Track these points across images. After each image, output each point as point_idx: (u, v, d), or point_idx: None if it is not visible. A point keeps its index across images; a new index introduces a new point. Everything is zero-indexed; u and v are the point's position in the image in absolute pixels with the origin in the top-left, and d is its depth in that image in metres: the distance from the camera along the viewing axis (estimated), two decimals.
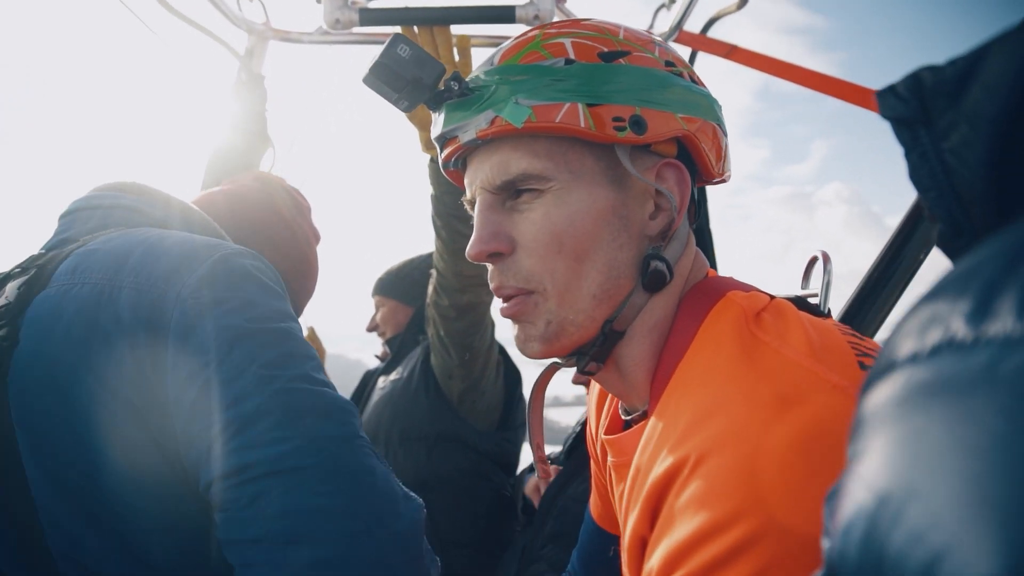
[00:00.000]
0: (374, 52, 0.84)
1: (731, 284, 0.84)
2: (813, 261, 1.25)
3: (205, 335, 0.84)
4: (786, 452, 0.61)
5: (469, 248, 0.83)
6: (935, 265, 1.50)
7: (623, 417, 0.93)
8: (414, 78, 0.83)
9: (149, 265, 0.89)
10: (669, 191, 0.83)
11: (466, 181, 0.88)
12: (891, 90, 0.43)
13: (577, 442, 2.12)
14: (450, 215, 1.99)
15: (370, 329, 2.74)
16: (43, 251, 1.02)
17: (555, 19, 1.82)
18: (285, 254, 1.32)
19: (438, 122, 0.86)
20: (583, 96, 0.78)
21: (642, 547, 0.73)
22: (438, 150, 0.90)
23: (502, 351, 2.41)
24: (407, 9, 1.65)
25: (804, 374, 0.67)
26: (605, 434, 0.96)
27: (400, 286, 2.64)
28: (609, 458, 0.92)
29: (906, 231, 1.47)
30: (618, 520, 1.03)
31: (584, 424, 2.11)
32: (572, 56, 0.80)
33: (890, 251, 1.49)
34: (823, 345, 0.71)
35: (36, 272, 0.93)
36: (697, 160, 0.86)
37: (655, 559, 0.66)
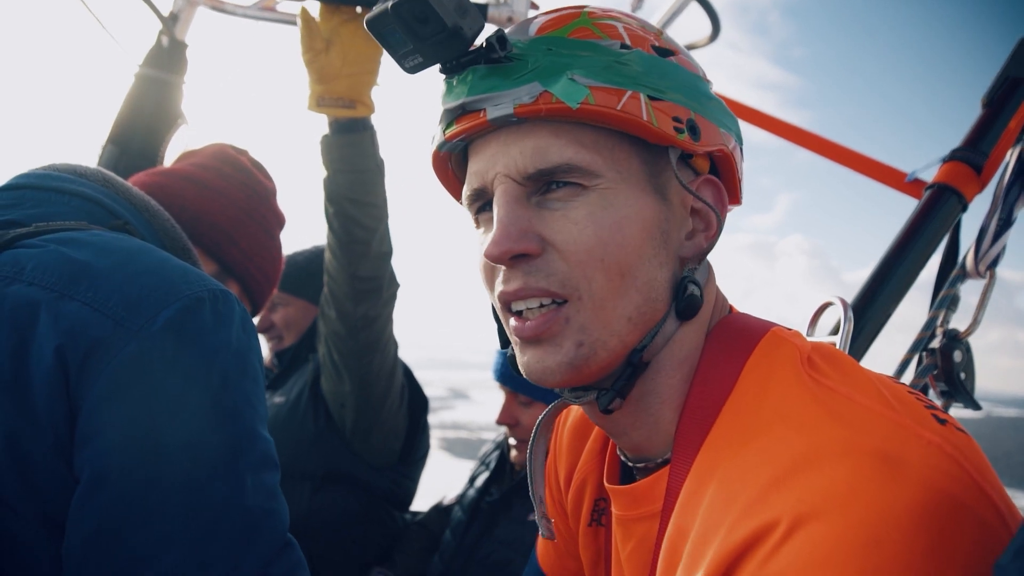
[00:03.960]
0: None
1: (764, 321, 0.80)
2: (824, 307, 1.24)
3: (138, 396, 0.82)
4: (907, 520, 0.55)
5: (491, 246, 0.72)
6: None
7: (630, 464, 0.85)
8: (454, 26, 0.70)
9: (114, 285, 0.84)
10: (709, 209, 0.80)
11: (474, 168, 0.78)
12: None
13: (490, 482, 2.08)
14: (344, 198, 1.77)
15: (262, 330, 2.31)
16: None
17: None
18: (244, 249, 1.33)
19: (454, 90, 0.76)
20: (645, 87, 0.72)
21: None
22: (441, 124, 0.79)
23: (407, 373, 2.19)
24: None
25: (893, 427, 0.62)
26: (608, 483, 0.88)
27: (311, 283, 2.23)
28: (614, 510, 0.85)
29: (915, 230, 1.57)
30: (596, 575, 0.97)
31: (504, 461, 2.09)
32: (628, 42, 0.75)
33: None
34: (893, 394, 0.67)
35: None
36: (729, 181, 0.83)
37: None
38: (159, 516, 0.80)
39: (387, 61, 1.77)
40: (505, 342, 0.84)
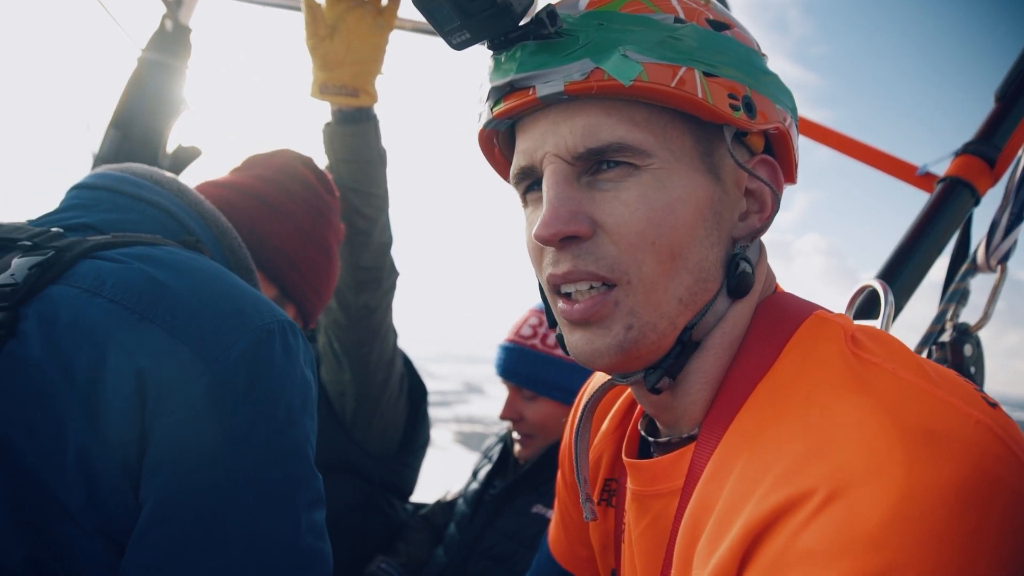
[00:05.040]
0: None
1: (808, 302, 0.78)
2: (863, 290, 1.23)
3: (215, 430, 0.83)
4: (952, 497, 0.54)
5: (540, 227, 0.71)
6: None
7: (650, 440, 0.84)
8: (503, 2, 0.69)
9: (191, 311, 0.86)
10: (765, 190, 0.78)
11: (522, 147, 0.77)
12: None
13: (493, 475, 2.07)
14: (346, 188, 1.76)
15: None
16: (59, 229, 0.94)
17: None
18: (304, 274, 1.34)
19: (502, 66, 0.74)
20: (700, 62, 0.71)
21: None
22: (488, 102, 0.77)
23: (407, 363, 2.20)
24: None
25: (939, 403, 0.60)
26: (627, 456, 0.87)
27: None
28: (630, 485, 0.84)
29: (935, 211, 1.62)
30: (605, 559, 0.97)
31: (507, 454, 2.09)
32: (682, 15, 0.73)
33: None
34: (938, 371, 0.65)
35: (53, 257, 0.86)
36: (784, 159, 0.81)
37: None
38: (219, 550, 0.81)
39: (391, 51, 1.77)
40: (554, 322, 0.84)
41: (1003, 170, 1.73)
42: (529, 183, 0.79)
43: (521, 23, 0.72)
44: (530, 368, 1.92)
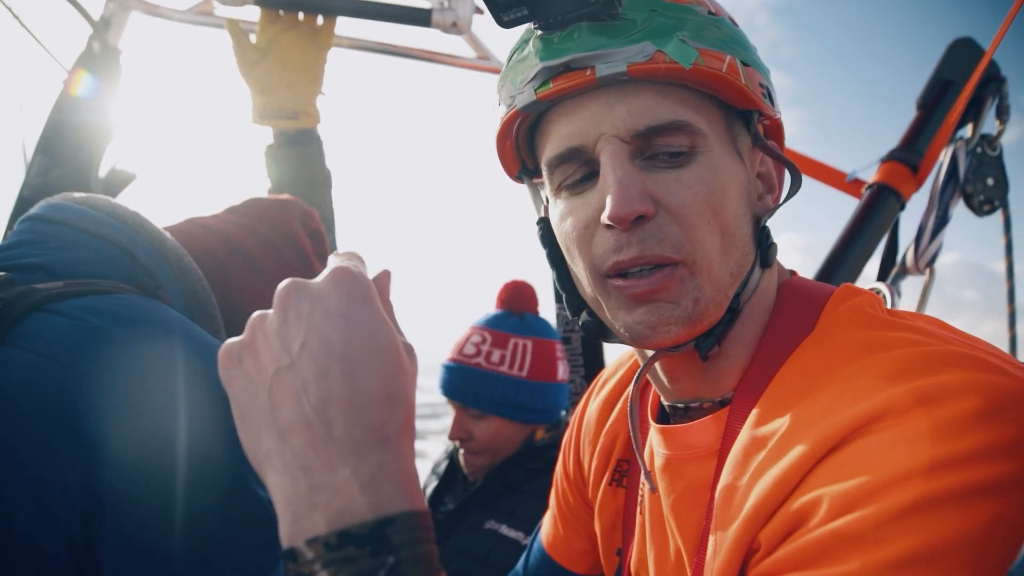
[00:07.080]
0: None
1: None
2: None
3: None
4: None
5: (613, 208, 0.72)
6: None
7: (680, 407, 0.86)
8: None
9: (141, 376, 0.81)
10: (774, 173, 0.84)
11: (567, 130, 0.77)
12: None
13: (441, 491, 2.06)
14: None
15: None
16: (5, 274, 0.87)
17: (472, 27, 1.82)
18: None
19: (554, 46, 0.75)
20: (739, 52, 0.75)
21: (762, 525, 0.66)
22: (532, 82, 0.77)
23: None
24: None
25: (987, 352, 0.65)
26: (656, 421, 0.89)
27: None
28: (662, 451, 0.85)
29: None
30: (611, 540, 0.99)
31: (455, 470, 2.08)
32: (712, 10, 0.77)
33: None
34: (967, 337, 0.71)
35: (1, 310, 0.80)
36: (780, 146, 0.88)
37: (835, 500, 0.60)
38: None
39: (329, 68, 1.76)
40: (576, 310, 0.85)
41: (925, 175, 1.82)
42: (572, 169, 0.79)
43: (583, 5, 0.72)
44: (476, 387, 1.93)
